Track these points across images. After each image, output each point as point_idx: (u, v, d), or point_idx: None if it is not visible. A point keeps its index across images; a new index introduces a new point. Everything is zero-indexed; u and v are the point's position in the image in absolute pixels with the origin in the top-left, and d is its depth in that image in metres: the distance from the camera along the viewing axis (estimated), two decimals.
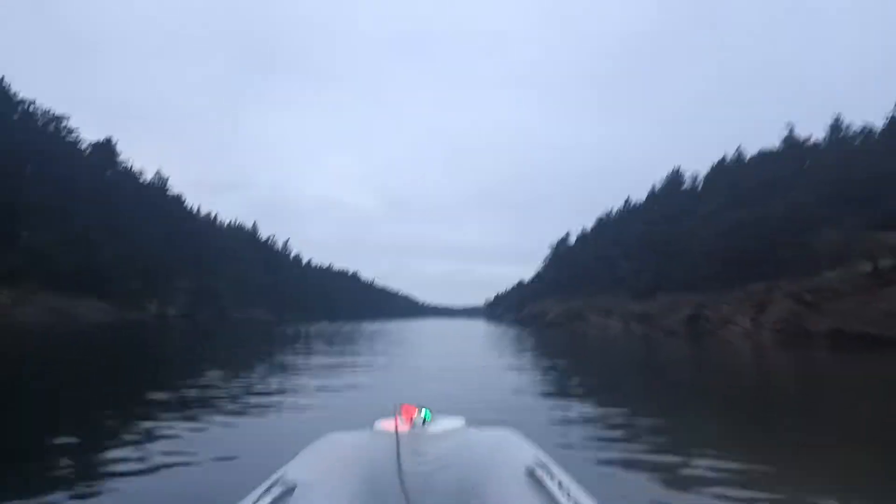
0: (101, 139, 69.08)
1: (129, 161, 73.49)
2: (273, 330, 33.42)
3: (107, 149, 69.37)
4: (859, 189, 34.40)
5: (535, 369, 11.54)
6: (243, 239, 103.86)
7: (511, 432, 1.74)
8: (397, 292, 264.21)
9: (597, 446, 4.50)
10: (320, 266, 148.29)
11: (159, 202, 75.17)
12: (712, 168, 61.38)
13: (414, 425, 1.67)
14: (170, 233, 71.50)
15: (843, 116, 45.12)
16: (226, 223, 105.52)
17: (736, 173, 52.70)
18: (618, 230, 66.16)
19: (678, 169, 67.21)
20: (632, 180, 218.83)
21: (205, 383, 7.86)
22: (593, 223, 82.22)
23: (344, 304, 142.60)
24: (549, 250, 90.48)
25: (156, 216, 69.98)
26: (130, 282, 55.36)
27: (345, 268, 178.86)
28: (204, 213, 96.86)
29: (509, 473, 1.42)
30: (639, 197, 73.89)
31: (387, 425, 1.67)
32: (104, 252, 51.56)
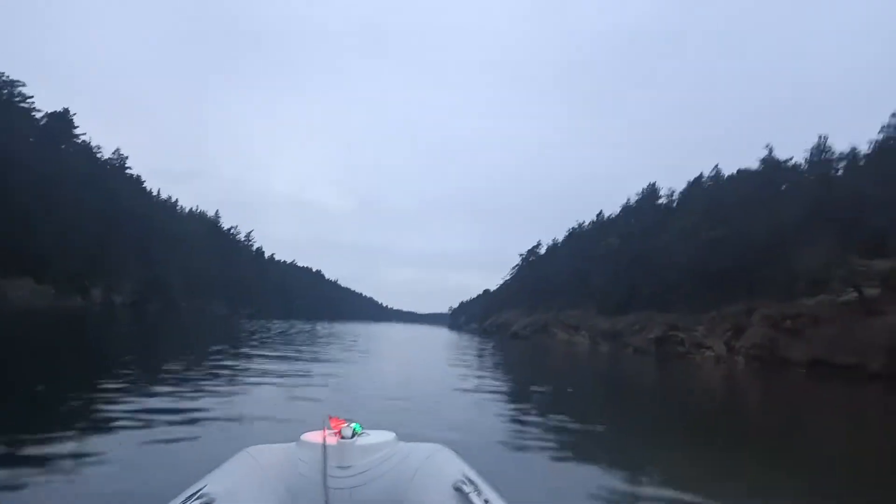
0: (57, 110, 64.45)
1: (86, 136, 68.70)
2: (227, 325, 30.46)
3: (63, 120, 64.81)
4: (841, 212, 33.32)
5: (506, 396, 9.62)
6: (203, 227, 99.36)
7: (441, 448, 1.69)
8: (361, 294, 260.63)
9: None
10: (282, 261, 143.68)
11: (114, 181, 70.67)
12: (689, 184, 60.40)
13: (342, 438, 1.58)
14: (122, 214, 67.17)
15: (827, 139, 44.12)
16: (187, 209, 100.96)
17: (714, 190, 51.71)
18: (590, 243, 64.70)
19: (654, 184, 66.24)
20: (604, 193, 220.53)
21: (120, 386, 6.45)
22: (565, 235, 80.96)
23: (305, 302, 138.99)
24: (519, 259, 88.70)
25: (108, 196, 65.64)
26: (71, 264, 51.20)
27: (308, 265, 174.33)
28: (164, 197, 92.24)
29: (436, 488, 1.41)
30: (612, 210, 73.00)
31: (313, 437, 1.59)
32: (43, 230, 47.39)
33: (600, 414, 8.55)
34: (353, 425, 1.65)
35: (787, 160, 49.19)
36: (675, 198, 61.36)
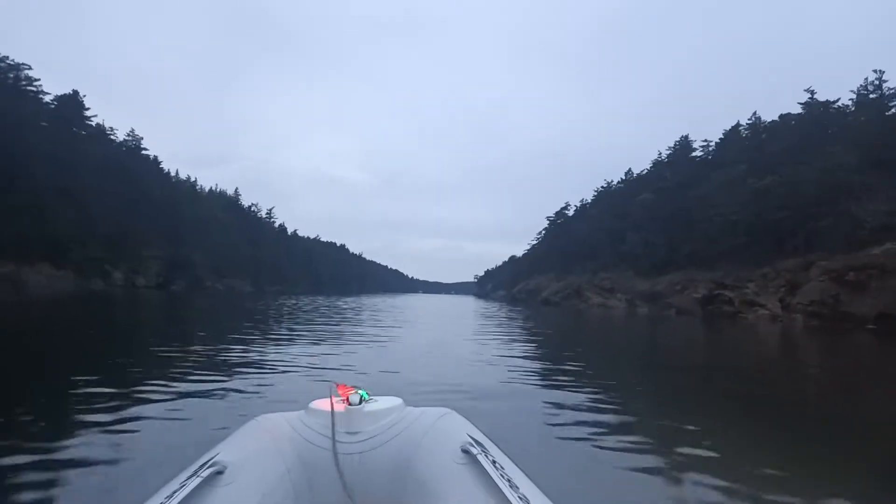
0: (67, 92, 63.20)
1: (98, 118, 67.53)
2: (253, 303, 28.98)
3: (73, 103, 63.57)
4: None
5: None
6: (224, 206, 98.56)
7: (448, 412, 1.70)
8: (387, 266, 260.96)
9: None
10: (305, 237, 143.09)
11: (130, 163, 69.62)
12: (725, 134, 56.79)
13: (350, 405, 1.59)
14: (141, 197, 66.22)
15: (883, 73, 40.23)
16: (207, 189, 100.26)
17: (756, 139, 48.24)
18: (622, 201, 61.59)
19: (686, 136, 62.59)
20: (626, 156, 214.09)
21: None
22: (593, 195, 77.79)
23: (330, 277, 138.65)
24: (546, 222, 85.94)
25: (126, 178, 64.64)
26: (91, 248, 50.34)
27: (333, 241, 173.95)
28: (184, 178, 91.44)
29: (445, 451, 1.42)
30: (642, 167, 69.48)
31: (322, 405, 1.59)
32: (60, 214, 46.39)
33: (642, 383, 7.41)
34: (360, 392, 1.64)
35: (834, 101, 45.45)
36: (711, 149, 57.95)
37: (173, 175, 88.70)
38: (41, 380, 5.45)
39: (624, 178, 73.19)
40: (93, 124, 67.16)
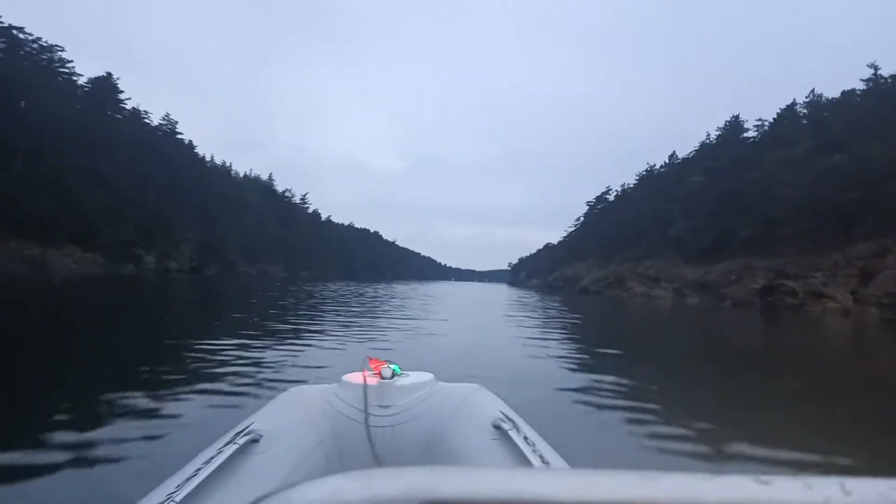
0: (100, 74, 63.06)
1: (131, 101, 67.36)
2: (284, 287, 27.67)
3: (106, 85, 63.42)
4: None
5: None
6: (258, 191, 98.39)
7: (479, 388, 1.70)
8: (419, 254, 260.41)
9: None
10: (340, 223, 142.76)
11: (165, 147, 69.43)
12: (781, 113, 53.08)
13: (382, 378, 1.60)
14: (175, 181, 65.93)
15: None
16: (241, 174, 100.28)
17: (817, 116, 44.57)
18: (668, 184, 58.32)
19: (737, 116, 58.91)
20: (668, 140, 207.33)
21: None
22: (635, 179, 74.40)
23: (363, 263, 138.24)
24: (586, 207, 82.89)
25: (160, 162, 64.40)
26: (122, 231, 49.92)
27: (366, 227, 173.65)
28: (218, 163, 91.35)
29: (476, 426, 1.42)
30: (687, 151, 65.89)
31: (354, 378, 1.61)
32: (90, 197, 45.91)
33: (693, 376, 6.61)
34: (392, 366, 1.64)
35: None
36: (765, 128, 54.24)
37: (208, 160, 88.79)
38: (74, 361, 5.42)
39: (668, 161, 69.83)
40: (128, 108, 67.12)
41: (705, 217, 42.88)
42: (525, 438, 1.29)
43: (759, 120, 55.19)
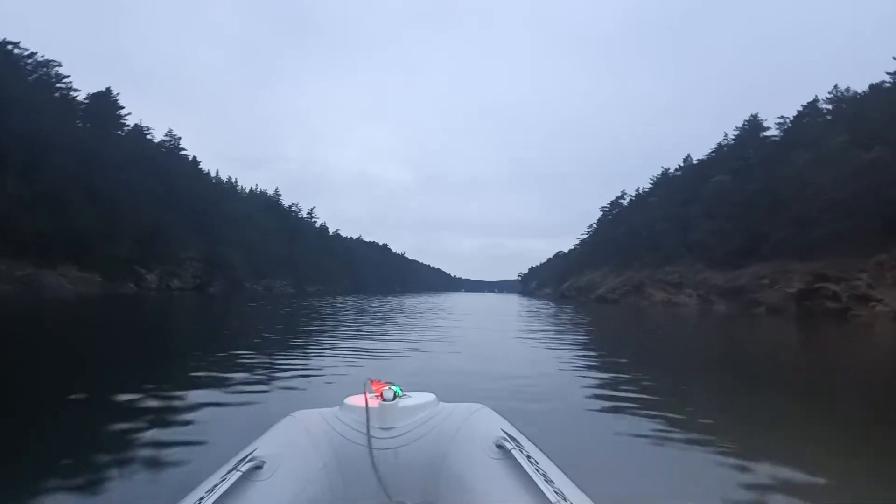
0: (100, 90, 61.83)
1: (137, 119, 66.22)
2: (286, 305, 25.85)
3: (106, 101, 62.19)
4: None
5: None
6: (264, 206, 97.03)
7: (481, 407, 1.68)
8: (429, 266, 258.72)
9: None
10: (348, 237, 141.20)
11: (167, 163, 68.09)
12: (801, 111, 50.71)
13: (384, 400, 1.57)
14: (178, 197, 64.44)
15: None
16: (247, 189, 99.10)
17: (845, 110, 42.21)
18: (686, 186, 55.93)
19: (756, 115, 56.52)
20: (673, 146, 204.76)
21: None
22: (649, 184, 72.08)
23: (372, 276, 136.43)
24: (599, 213, 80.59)
25: (162, 179, 62.97)
26: (122, 249, 48.23)
27: (375, 240, 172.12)
28: (224, 178, 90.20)
29: (479, 446, 1.41)
30: (700, 155, 63.56)
31: (356, 401, 1.60)
32: (88, 214, 44.25)
33: (727, 396, 5.59)
34: (393, 388, 1.62)
35: None
36: (788, 125, 51.86)
37: (213, 175, 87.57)
38: (71, 384, 5.15)
39: (683, 164, 67.51)
40: (129, 124, 65.90)
41: (731, 219, 40.48)
42: (528, 457, 1.27)
43: (780, 117, 52.85)
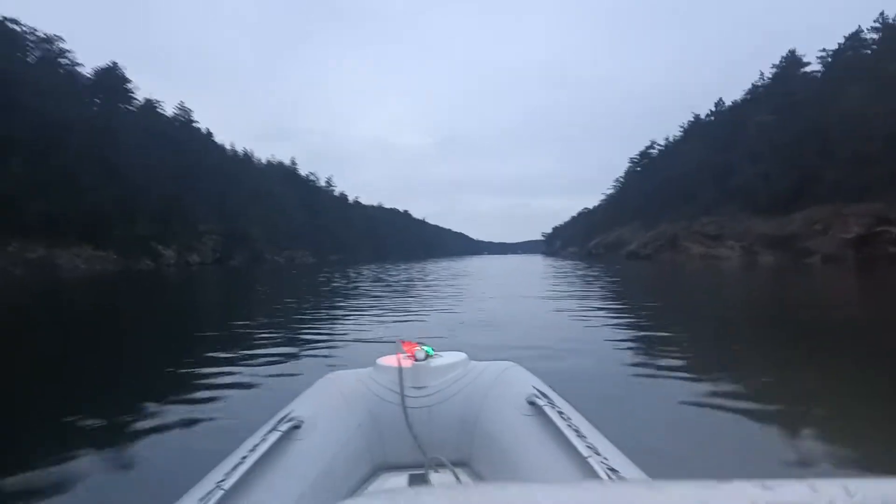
0: (106, 64, 60.23)
1: (139, 91, 64.50)
2: (305, 275, 24.30)
3: (112, 76, 60.57)
4: None
5: None
6: (281, 178, 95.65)
7: (513, 365, 1.68)
8: (450, 230, 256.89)
9: None
10: (368, 205, 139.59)
11: (180, 137, 66.66)
12: (842, 44, 46.83)
13: (416, 360, 1.59)
14: (193, 172, 63.17)
15: None
16: (264, 161, 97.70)
17: (889, 41, 38.47)
18: (722, 131, 52.59)
19: (794, 51, 52.57)
20: (701, 94, 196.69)
21: None
22: (679, 131, 68.54)
23: (394, 243, 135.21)
24: (627, 165, 77.29)
25: (176, 153, 61.63)
26: (138, 226, 47.12)
27: (395, 207, 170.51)
28: (240, 151, 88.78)
29: (511, 403, 1.42)
30: (732, 98, 59.77)
31: (389, 361, 1.60)
32: (101, 193, 43.02)
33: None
34: (425, 348, 1.63)
35: None
36: (829, 60, 48.02)
37: (228, 148, 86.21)
38: (106, 357, 5.16)
39: (714, 109, 63.84)
40: (139, 98, 64.41)
41: (778, 161, 37.45)
42: (560, 413, 1.29)
43: (822, 50, 48.92)
